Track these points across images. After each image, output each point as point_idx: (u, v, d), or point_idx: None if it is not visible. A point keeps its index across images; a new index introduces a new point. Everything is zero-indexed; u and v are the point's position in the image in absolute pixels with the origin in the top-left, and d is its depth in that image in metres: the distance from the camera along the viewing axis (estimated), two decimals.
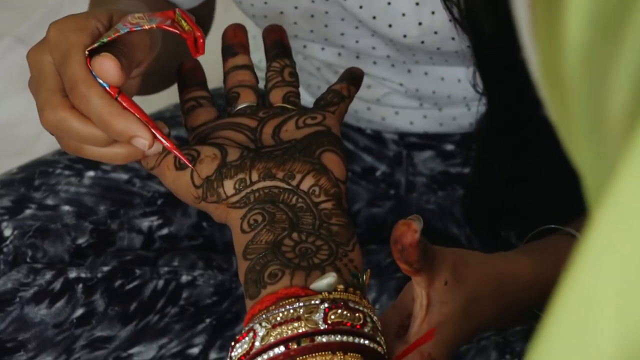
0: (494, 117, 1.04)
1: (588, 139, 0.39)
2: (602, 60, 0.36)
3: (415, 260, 0.73)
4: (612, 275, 0.36)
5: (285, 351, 0.71)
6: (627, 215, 0.35)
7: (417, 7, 1.03)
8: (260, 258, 0.78)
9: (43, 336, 1.12)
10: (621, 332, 0.37)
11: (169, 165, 0.84)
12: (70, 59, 0.78)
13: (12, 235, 1.13)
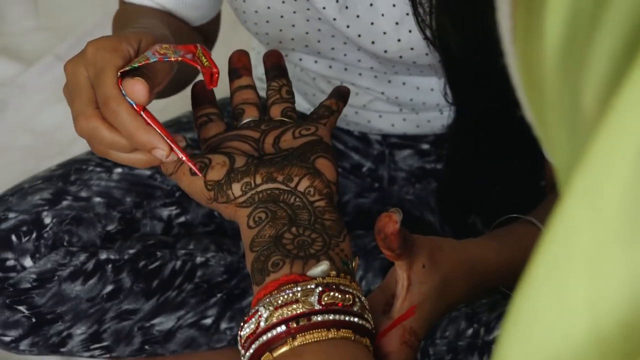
0: (462, 121, 1.04)
1: (563, 131, 0.38)
2: (577, 62, 0.36)
3: (396, 247, 0.74)
4: (583, 239, 0.35)
5: (287, 330, 0.71)
6: (594, 186, 0.35)
7: (396, 26, 1.03)
8: (265, 250, 0.78)
9: (78, 309, 1.12)
10: (592, 291, 0.36)
11: (185, 172, 0.84)
12: (104, 76, 0.78)
13: (52, 223, 1.13)
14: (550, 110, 0.39)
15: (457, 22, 0.93)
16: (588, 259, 0.36)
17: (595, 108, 0.35)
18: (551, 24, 0.37)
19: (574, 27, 0.36)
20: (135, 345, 1.17)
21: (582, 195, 0.35)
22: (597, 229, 0.35)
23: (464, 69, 0.98)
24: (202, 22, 1.16)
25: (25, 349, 1.14)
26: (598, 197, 0.35)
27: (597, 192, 0.35)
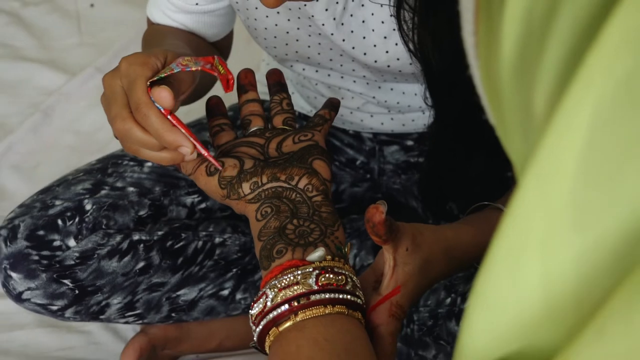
0: (440, 121, 1.03)
1: (518, 131, 0.38)
2: (528, 73, 0.36)
3: (383, 234, 0.74)
4: (536, 223, 0.35)
5: (289, 308, 0.71)
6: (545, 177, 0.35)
7: (384, 40, 1.02)
8: (270, 239, 0.78)
9: (114, 282, 1.12)
10: (544, 274, 0.36)
11: (201, 172, 0.84)
12: (136, 86, 0.79)
13: (92, 209, 1.12)
14: (508, 113, 0.39)
15: (435, 38, 0.92)
16: (541, 240, 0.36)
17: (544, 111, 0.35)
18: (506, 41, 0.36)
19: (525, 44, 0.36)
20: (163, 313, 1.17)
21: (534, 185, 0.35)
22: (548, 213, 0.35)
23: (441, 78, 0.97)
24: (217, 39, 1.16)
25: (70, 317, 1.13)
26: (548, 186, 0.35)
27: (547, 182, 0.35)
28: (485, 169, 1.04)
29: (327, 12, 1.02)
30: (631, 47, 0.32)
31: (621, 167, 0.33)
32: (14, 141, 1.68)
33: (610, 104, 0.33)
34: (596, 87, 0.33)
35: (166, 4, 1.10)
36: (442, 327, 1.09)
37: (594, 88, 0.33)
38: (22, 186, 1.56)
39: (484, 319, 0.40)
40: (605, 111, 0.33)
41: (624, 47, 0.32)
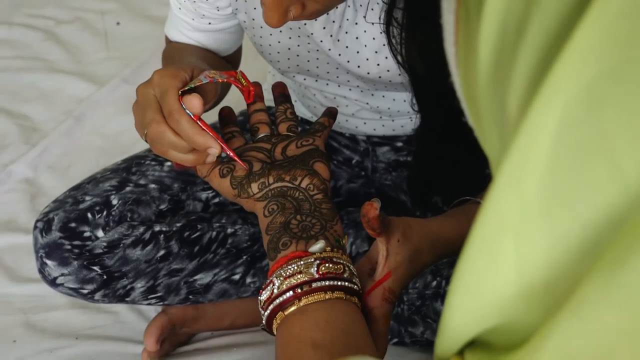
0: (426, 125, 1.03)
1: (494, 132, 0.38)
2: (502, 81, 0.36)
3: (377, 227, 0.74)
4: (510, 213, 0.35)
5: (293, 294, 0.71)
6: (517, 172, 0.35)
7: (376, 54, 1.01)
8: (277, 233, 0.78)
9: (138, 268, 1.11)
10: (517, 259, 0.36)
11: (215, 174, 0.84)
12: (168, 95, 0.79)
13: (118, 204, 1.12)
14: (484, 115, 0.38)
15: (420, 51, 0.92)
16: (514, 228, 0.36)
17: (517, 114, 0.35)
18: (482, 51, 0.36)
19: (500, 54, 0.36)
20: (182, 295, 1.16)
21: (508, 179, 0.35)
22: (520, 204, 0.35)
23: (426, 86, 0.96)
24: (228, 53, 1.15)
25: (99, 299, 1.13)
26: (520, 180, 0.35)
27: (519, 176, 0.35)
28: (466, 166, 1.04)
29: (325, 30, 1.02)
30: (595, 57, 0.32)
31: (585, 163, 0.33)
32: (49, 144, 1.67)
33: (576, 107, 0.33)
34: (564, 92, 0.32)
35: (183, 24, 1.10)
36: (429, 307, 1.08)
37: (562, 93, 0.32)
38: (57, 184, 1.55)
39: (464, 300, 0.40)
40: (571, 113, 0.33)
41: (588, 56, 0.32)
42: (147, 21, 1.97)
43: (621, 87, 0.32)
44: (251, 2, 1.03)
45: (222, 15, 1.08)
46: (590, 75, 0.32)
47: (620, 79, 0.32)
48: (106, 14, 2.02)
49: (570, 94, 0.32)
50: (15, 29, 2.00)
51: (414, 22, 0.91)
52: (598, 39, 0.32)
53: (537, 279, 0.36)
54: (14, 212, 1.53)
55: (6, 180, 1.59)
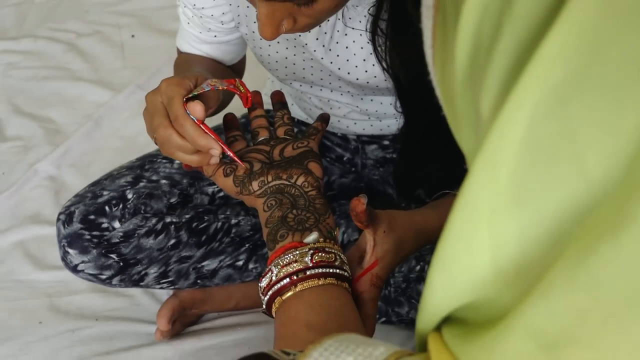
0: (409, 125, 1.03)
1: (469, 128, 0.38)
2: (477, 83, 0.35)
3: (364, 220, 0.75)
4: (484, 203, 0.35)
5: (290, 281, 0.72)
6: (490, 166, 0.34)
7: (364, 62, 1.01)
8: (275, 226, 0.78)
9: (151, 256, 1.11)
10: (491, 243, 0.35)
11: (219, 174, 0.85)
12: (175, 101, 0.79)
13: (132, 198, 1.11)
14: (460, 113, 0.38)
15: (402, 58, 0.92)
16: (488, 215, 0.36)
17: (490, 114, 0.35)
18: (459, 55, 0.36)
19: (475, 57, 0.35)
20: (190, 280, 1.16)
21: (482, 170, 0.35)
22: (493, 193, 0.35)
23: (408, 90, 0.97)
24: (233, 63, 1.15)
25: (116, 284, 1.12)
26: (493, 171, 0.35)
27: (492, 168, 0.35)
28: (445, 162, 1.04)
29: (318, 41, 1.01)
30: (562, 63, 0.32)
31: (552, 158, 0.33)
32: (71, 145, 1.66)
33: (544, 107, 0.33)
34: (533, 93, 0.32)
35: (192, 37, 1.10)
36: (413, 289, 1.08)
37: (531, 94, 0.32)
38: (78, 180, 1.55)
39: (442, 280, 0.40)
40: (540, 113, 0.33)
41: (556, 62, 0.32)
42: (159, 34, 1.97)
43: (585, 89, 0.32)
44: (251, 17, 1.02)
45: (226, 28, 1.08)
46: (557, 79, 0.32)
47: (585, 82, 0.32)
48: (122, 28, 2.01)
49: (539, 95, 0.32)
50: (40, 42, 2.00)
51: (396, 32, 0.92)
52: (565, 46, 0.32)
53: (509, 262, 0.36)
54: (39, 206, 1.52)
55: (32, 178, 1.59)
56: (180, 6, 1.09)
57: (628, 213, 0.31)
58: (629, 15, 0.30)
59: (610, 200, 0.32)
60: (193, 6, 1.05)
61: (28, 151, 1.67)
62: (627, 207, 0.31)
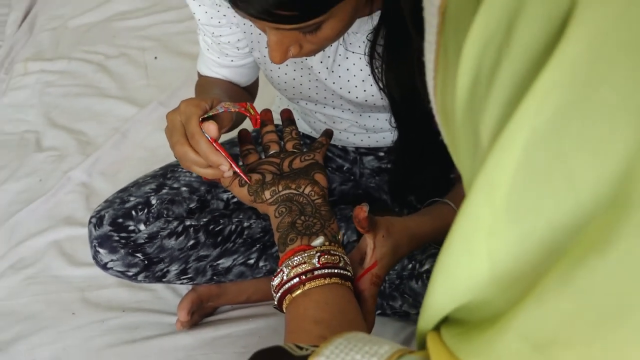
0: (401, 139, 1.03)
1: (468, 153, 0.37)
2: (476, 112, 0.35)
3: (366, 226, 0.75)
4: (483, 217, 0.34)
5: (299, 280, 0.72)
6: (489, 187, 0.34)
7: (362, 82, 1.01)
8: (285, 231, 0.78)
9: (172, 255, 1.10)
10: (489, 253, 0.35)
11: (235, 185, 0.85)
12: (192, 121, 0.79)
13: (156, 203, 1.10)
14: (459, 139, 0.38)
15: (396, 79, 0.93)
16: (487, 229, 0.35)
17: (489, 141, 0.34)
18: (460, 87, 0.35)
19: (475, 90, 0.35)
20: (207, 276, 1.15)
21: (481, 190, 0.35)
22: (492, 210, 0.35)
23: (401, 108, 0.97)
24: (248, 84, 1.15)
25: (141, 280, 1.12)
26: (492, 191, 0.34)
27: (490, 188, 0.34)
28: (434, 171, 1.04)
29: (322, 64, 1.01)
30: (556, 95, 0.32)
31: (546, 180, 0.33)
32: (101, 155, 1.66)
33: (539, 135, 0.32)
34: (529, 122, 0.32)
35: (211, 62, 1.10)
36: (405, 285, 1.08)
37: (528, 123, 0.32)
38: (106, 186, 1.54)
39: (444, 284, 0.40)
40: (535, 139, 0.32)
41: (551, 94, 0.32)
42: (179, 56, 1.96)
43: (577, 120, 0.31)
44: (262, 43, 1.02)
45: (241, 53, 1.08)
46: (551, 110, 0.32)
47: (577, 113, 0.31)
48: (146, 50, 2.01)
49: (534, 125, 0.32)
50: (73, 63, 1.99)
51: (391, 56, 0.92)
52: (559, 81, 0.31)
53: (505, 271, 0.36)
54: (72, 210, 1.52)
55: (66, 184, 1.58)
56: (200, 34, 1.09)
57: (615, 231, 0.31)
58: (619, 54, 0.30)
59: (598, 220, 0.32)
60: (212, 34, 1.05)
61: (62, 160, 1.66)
62: (614, 226, 0.31)
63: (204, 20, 1.03)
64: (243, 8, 0.74)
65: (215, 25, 1.04)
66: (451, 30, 0.36)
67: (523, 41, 0.32)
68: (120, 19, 2.16)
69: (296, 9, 0.73)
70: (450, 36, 0.36)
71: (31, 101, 1.86)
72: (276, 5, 0.72)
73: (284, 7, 0.72)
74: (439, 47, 0.37)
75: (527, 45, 0.32)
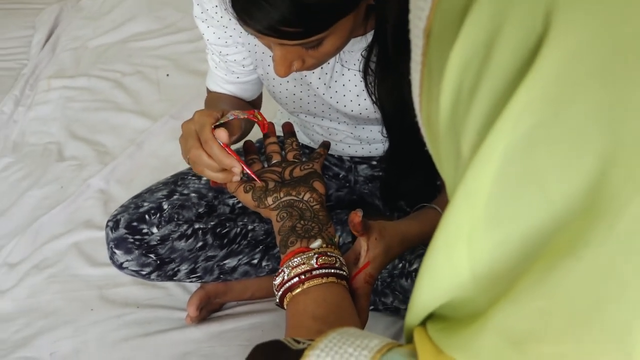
0: (392, 149, 1.03)
1: (451, 163, 0.37)
2: (458, 127, 0.35)
3: (360, 229, 0.75)
4: (464, 223, 0.34)
5: (299, 280, 0.71)
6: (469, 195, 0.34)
7: (357, 97, 1.01)
8: (286, 234, 0.77)
9: (182, 256, 1.10)
10: (469, 256, 0.35)
11: (240, 191, 0.84)
12: (205, 128, 0.80)
13: (168, 208, 1.10)
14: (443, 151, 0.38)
15: (388, 94, 0.93)
16: (467, 234, 0.35)
17: (469, 153, 0.34)
18: (443, 104, 0.36)
19: (456, 107, 0.35)
20: (215, 275, 1.14)
21: (462, 198, 0.35)
22: (471, 218, 0.35)
23: (392, 120, 0.97)
24: (252, 99, 1.15)
25: (154, 278, 1.11)
26: (472, 200, 0.34)
27: (471, 196, 0.34)
28: (421, 178, 1.04)
29: (320, 80, 1.01)
30: (530, 113, 0.32)
31: (521, 189, 0.33)
32: (117, 164, 1.66)
33: (515, 149, 0.32)
34: (506, 137, 0.32)
35: (219, 79, 1.10)
36: (396, 282, 1.08)
37: (504, 138, 0.32)
38: (123, 193, 1.54)
39: (428, 284, 0.40)
40: (511, 153, 0.32)
41: (525, 112, 0.32)
42: (189, 74, 1.97)
43: (550, 135, 0.32)
44: (266, 61, 1.03)
45: (246, 71, 1.08)
46: (526, 126, 0.32)
47: (549, 130, 0.31)
48: (159, 68, 2.01)
49: (510, 140, 0.32)
50: (93, 80, 1.99)
51: (383, 72, 0.92)
52: (532, 100, 0.31)
53: (484, 272, 0.36)
54: (91, 215, 1.52)
55: (85, 191, 1.58)
56: (209, 53, 1.09)
57: (585, 238, 0.31)
58: (587, 77, 0.30)
59: (570, 226, 0.32)
60: (219, 53, 1.05)
61: (82, 169, 1.66)
62: (584, 232, 0.31)
63: (212, 40, 1.04)
64: (251, 25, 0.75)
65: (222, 45, 1.04)
66: (435, 52, 0.36)
67: (500, 63, 0.32)
68: (136, 39, 2.16)
69: (300, 26, 0.74)
70: (434, 57, 0.36)
71: (54, 115, 1.86)
72: (282, 23, 0.73)
73: (289, 24, 0.73)
74: (424, 66, 0.37)
75: (503, 66, 0.32)
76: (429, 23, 0.37)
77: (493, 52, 0.33)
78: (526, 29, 0.32)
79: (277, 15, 0.72)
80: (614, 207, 0.30)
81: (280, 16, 0.72)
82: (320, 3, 0.72)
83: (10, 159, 1.72)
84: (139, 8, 2.29)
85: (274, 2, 0.71)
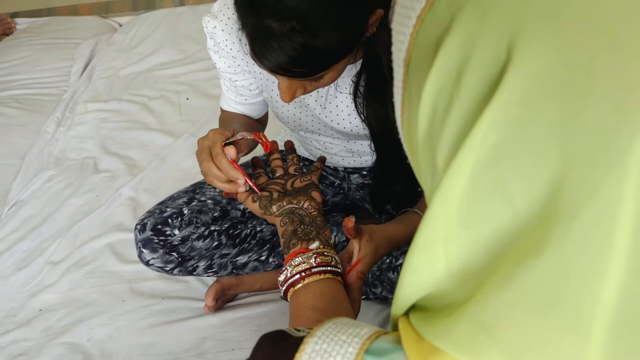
0: (379, 160, 1.03)
1: (428, 174, 0.37)
2: (434, 142, 0.34)
3: (353, 233, 0.74)
4: (440, 225, 0.34)
5: (300, 277, 0.70)
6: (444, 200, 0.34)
7: (348, 116, 1.00)
8: (289, 237, 0.77)
9: (200, 254, 1.09)
10: (445, 254, 0.34)
11: (249, 201, 0.84)
12: (216, 145, 0.80)
13: (187, 212, 1.09)
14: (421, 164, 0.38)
15: (375, 114, 0.92)
16: (443, 235, 0.35)
17: (443, 165, 0.34)
18: (420, 123, 0.35)
19: (432, 126, 0.35)
20: (228, 270, 1.13)
21: (439, 204, 0.34)
22: (446, 221, 0.34)
23: (379, 136, 0.96)
24: (259, 117, 1.14)
25: (176, 273, 1.10)
26: (446, 206, 0.34)
27: (446, 202, 0.34)
28: (405, 186, 1.04)
29: (317, 102, 1.01)
30: (495, 131, 0.32)
31: (488, 197, 0.33)
32: (145, 175, 1.65)
33: (483, 162, 0.32)
34: (474, 151, 0.32)
35: (230, 100, 1.10)
36: (384, 275, 1.07)
37: (473, 152, 0.32)
38: (149, 200, 1.54)
39: (410, 279, 0.39)
40: (479, 165, 0.32)
41: (491, 130, 0.32)
42: (206, 97, 1.96)
43: (513, 150, 0.31)
44: (270, 87, 1.02)
45: (253, 94, 1.07)
46: (492, 142, 0.32)
47: (512, 145, 0.31)
48: (180, 93, 2.01)
49: (479, 154, 0.32)
50: (123, 103, 1.99)
51: (371, 95, 0.92)
52: (497, 119, 0.31)
53: (459, 268, 0.35)
54: (122, 219, 1.51)
55: (117, 199, 1.57)
56: (221, 79, 1.09)
57: (545, 239, 0.31)
58: (545, 99, 0.30)
59: (532, 229, 0.31)
60: (230, 79, 1.05)
61: (114, 180, 1.66)
62: (544, 235, 0.31)
63: (223, 68, 1.04)
64: (265, 64, 0.75)
65: (232, 73, 1.04)
66: (413, 79, 0.36)
67: (469, 88, 0.32)
68: (160, 68, 2.16)
69: (307, 67, 0.75)
70: (413, 83, 0.36)
71: (90, 134, 1.86)
72: (291, 65, 0.73)
73: (296, 66, 0.74)
74: (404, 91, 0.37)
75: (472, 91, 0.32)
76: (408, 54, 0.36)
77: (463, 79, 0.33)
78: (492, 59, 0.31)
79: (288, 58, 0.73)
80: (569, 213, 0.30)
81: (290, 59, 0.73)
82: (324, 49, 0.73)
83: (53, 172, 1.71)
84: (163, 42, 2.30)
85: (286, 48, 0.72)
